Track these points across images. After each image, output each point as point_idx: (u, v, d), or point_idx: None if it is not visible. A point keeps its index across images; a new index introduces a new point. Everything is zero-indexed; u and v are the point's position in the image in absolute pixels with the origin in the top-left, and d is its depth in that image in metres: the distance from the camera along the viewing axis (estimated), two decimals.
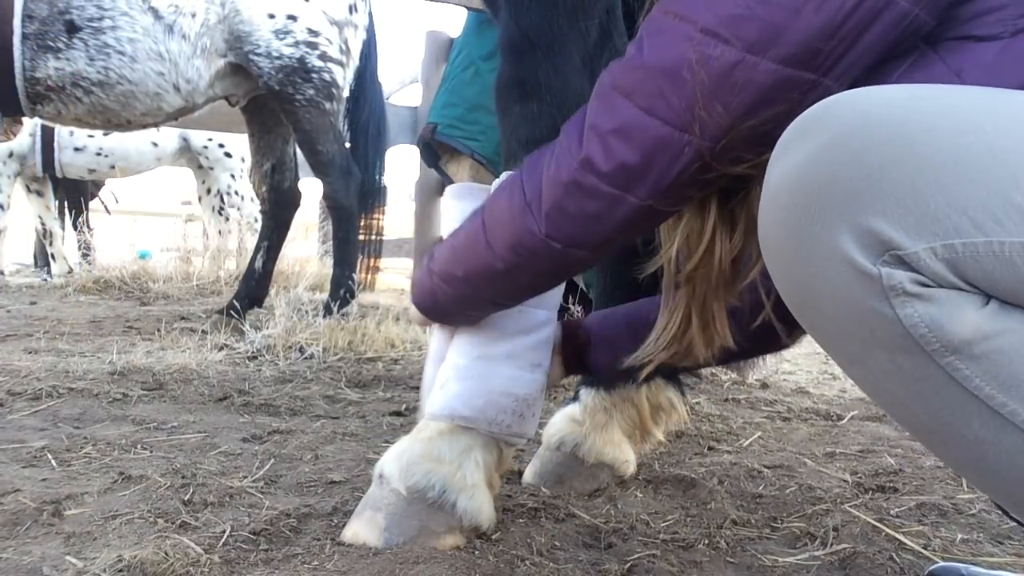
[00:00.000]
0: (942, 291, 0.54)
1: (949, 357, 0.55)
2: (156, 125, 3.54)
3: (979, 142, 0.54)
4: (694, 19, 0.77)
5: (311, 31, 3.43)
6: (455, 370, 1.19)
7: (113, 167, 6.34)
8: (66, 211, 6.54)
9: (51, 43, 3.03)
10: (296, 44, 3.39)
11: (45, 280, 5.95)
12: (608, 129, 0.83)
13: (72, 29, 3.04)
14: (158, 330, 3.25)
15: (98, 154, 6.22)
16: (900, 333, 0.56)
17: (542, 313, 1.21)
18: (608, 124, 0.83)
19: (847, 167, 0.57)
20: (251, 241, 4.91)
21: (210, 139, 6.61)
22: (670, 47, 0.78)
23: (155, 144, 6.42)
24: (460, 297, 1.09)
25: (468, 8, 2.76)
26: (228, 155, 6.75)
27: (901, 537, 1.22)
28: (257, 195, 3.89)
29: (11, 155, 6.02)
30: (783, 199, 0.62)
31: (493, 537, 1.17)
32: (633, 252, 1.21)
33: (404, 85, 5.82)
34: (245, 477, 1.43)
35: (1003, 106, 0.58)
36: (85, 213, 6.70)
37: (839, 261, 0.57)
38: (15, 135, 3.58)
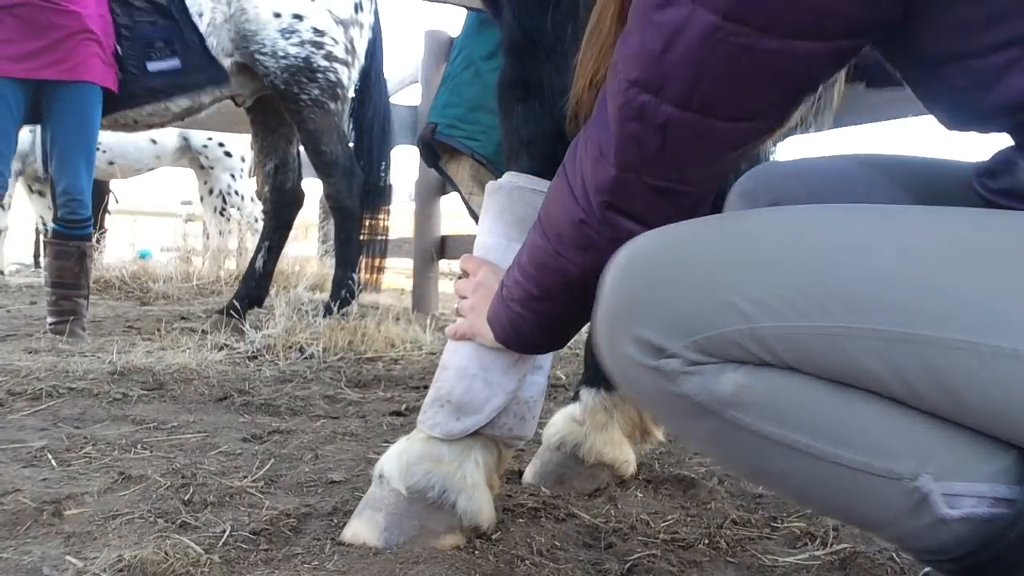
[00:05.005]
0: (706, 366, 0.69)
1: (730, 411, 0.69)
2: (162, 125, 3.55)
3: (699, 270, 0.70)
4: None
5: (317, 31, 3.43)
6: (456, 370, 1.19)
7: (112, 163, 6.33)
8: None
9: None
10: (302, 44, 3.38)
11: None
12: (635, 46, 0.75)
13: None
14: (158, 330, 3.25)
15: (96, 151, 6.20)
16: (693, 403, 0.71)
17: None
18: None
19: (624, 294, 0.75)
20: (251, 241, 4.90)
21: (210, 138, 6.60)
22: None
23: (154, 142, 6.41)
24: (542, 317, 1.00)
25: (468, 8, 2.75)
26: (228, 155, 6.74)
27: None
28: (259, 195, 3.88)
29: None
30: (597, 316, 0.78)
31: (493, 537, 1.17)
32: None
33: (404, 85, 5.80)
34: (245, 477, 1.43)
35: (728, 226, 0.74)
36: (105, 214, 6.69)
37: (634, 364, 0.73)
38: None
